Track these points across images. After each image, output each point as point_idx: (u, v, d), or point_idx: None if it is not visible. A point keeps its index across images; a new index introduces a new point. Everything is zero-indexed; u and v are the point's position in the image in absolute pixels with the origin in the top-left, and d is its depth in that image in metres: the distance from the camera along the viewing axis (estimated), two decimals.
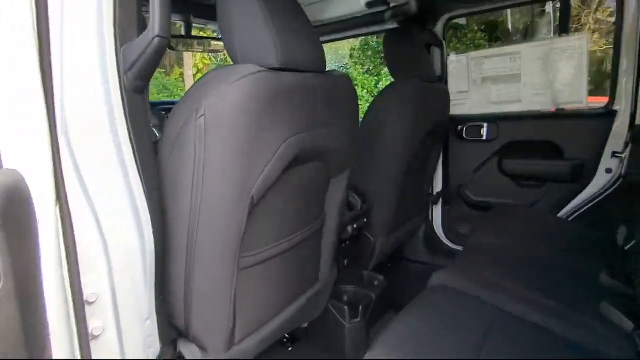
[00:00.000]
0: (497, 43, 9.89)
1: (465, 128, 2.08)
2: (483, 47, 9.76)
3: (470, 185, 2.12)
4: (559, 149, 1.84)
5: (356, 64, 11.65)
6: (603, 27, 8.36)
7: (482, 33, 9.81)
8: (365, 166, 1.66)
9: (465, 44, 9.61)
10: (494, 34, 10.11)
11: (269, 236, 0.99)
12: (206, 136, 0.76)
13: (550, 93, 1.89)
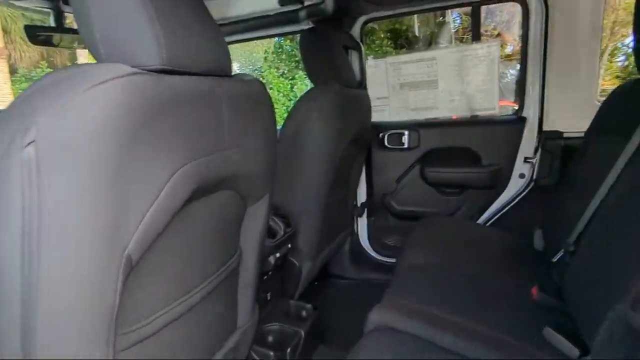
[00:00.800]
0: (402, 50, 10.52)
1: (386, 136, 2.00)
2: (390, 53, 10.31)
3: (394, 195, 2.05)
4: (477, 155, 1.85)
5: (271, 67, 11.44)
6: (488, 36, 9.39)
7: (388, 40, 10.32)
8: (287, 183, 1.46)
9: (374, 50, 10.02)
10: (399, 40, 10.73)
11: (163, 297, 0.74)
12: (39, 174, 0.48)
13: (465, 99, 1.89)
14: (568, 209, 1.33)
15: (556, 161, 1.69)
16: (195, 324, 0.85)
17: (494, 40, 1.83)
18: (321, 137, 1.41)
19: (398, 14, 1.90)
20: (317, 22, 1.92)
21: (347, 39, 1.94)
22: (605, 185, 1.07)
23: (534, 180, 1.76)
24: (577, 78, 1.66)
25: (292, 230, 1.39)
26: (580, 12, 1.59)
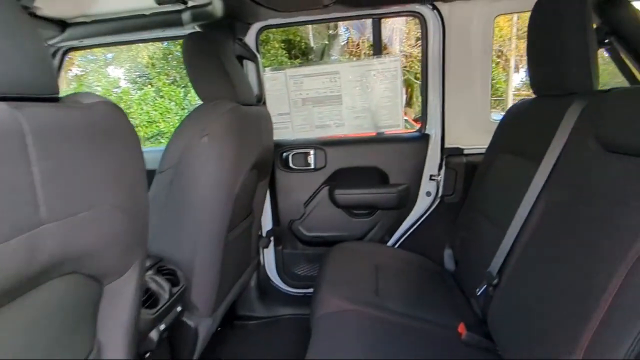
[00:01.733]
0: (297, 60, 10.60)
1: (291, 156, 1.81)
2: (285, 63, 10.29)
3: (302, 220, 1.87)
4: (385, 174, 1.78)
5: (160, 74, 10.47)
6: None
7: (282, 50, 10.30)
8: (172, 227, 1.16)
9: (269, 59, 9.88)
10: (293, 51, 10.81)
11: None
12: None
13: (369, 116, 1.81)
14: (480, 232, 1.30)
15: (460, 178, 1.69)
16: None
17: (395, 56, 1.80)
18: (214, 166, 1.14)
19: (295, 22, 1.73)
20: (204, 27, 1.64)
21: (241, 48, 1.71)
22: (522, 210, 1.03)
23: (440, 197, 1.75)
24: (473, 95, 1.69)
25: (181, 288, 1.09)
26: (472, 32, 1.62)
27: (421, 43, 1.69)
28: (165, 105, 9.66)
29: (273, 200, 1.87)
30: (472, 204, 1.47)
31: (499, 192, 1.26)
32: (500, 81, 11.85)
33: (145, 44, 8.55)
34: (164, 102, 9.62)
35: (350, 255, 1.60)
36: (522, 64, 11.83)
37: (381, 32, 1.75)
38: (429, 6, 1.60)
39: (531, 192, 1.02)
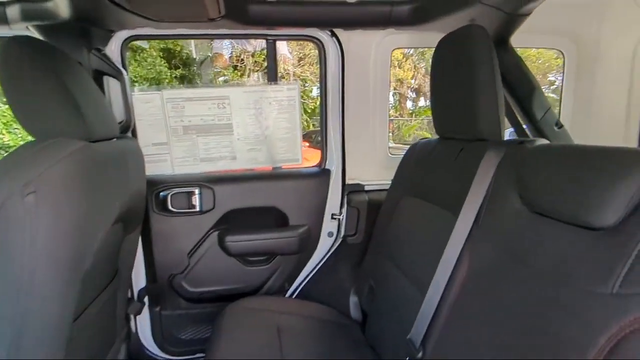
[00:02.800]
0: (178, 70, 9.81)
1: (170, 196, 1.48)
2: (164, 73, 9.43)
3: (186, 274, 1.54)
4: (283, 215, 1.58)
5: None
6: (258, 68, 9.94)
7: (161, 59, 9.44)
8: None
9: (146, 67, 8.94)
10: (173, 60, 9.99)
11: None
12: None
13: (265, 149, 1.60)
14: (393, 287, 1.19)
15: (362, 217, 1.59)
16: None
17: (292, 83, 1.63)
18: (47, 237, 0.78)
19: (173, 35, 1.43)
20: (43, 30, 1.23)
21: (100, 61, 1.33)
22: (442, 269, 0.93)
23: (342, 238, 1.62)
24: (372, 129, 1.62)
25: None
26: (370, 63, 1.55)
27: (319, 71, 1.56)
28: (10, 114, 7.87)
29: (147, 252, 1.50)
30: (378, 248, 1.36)
31: (411, 242, 1.17)
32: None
33: None
34: (9, 110, 7.82)
35: (248, 315, 1.35)
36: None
37: (276, 55, 1.57)
38: (328, 32, 1.48)
39: (452, 247, 0.93)
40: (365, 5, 1.29)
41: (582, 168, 0.66)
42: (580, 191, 0.63)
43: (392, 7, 1.28)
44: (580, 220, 0.63)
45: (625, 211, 0.57)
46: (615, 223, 0.58)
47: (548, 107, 1.36)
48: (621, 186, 0.57)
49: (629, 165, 0.58)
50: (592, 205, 0.61)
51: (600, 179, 0.61)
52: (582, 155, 0.68)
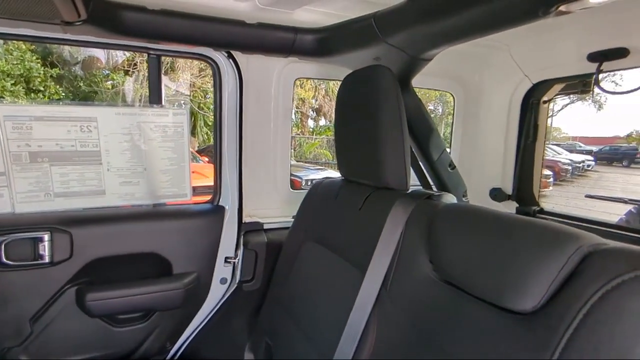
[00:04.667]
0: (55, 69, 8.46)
1: (5, 245, 1.12)
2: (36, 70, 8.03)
3: (28, 345, 1.17)
4: (166, 262, 1.32)
5: None
6: None
7: (31, 53, 8.05)
8: None
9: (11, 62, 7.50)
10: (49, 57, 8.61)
11: None
12: None
13: (145, 182, 1.33)
14: (293, 347, 1.04)
15: (261, 260, 1.42)
16: None
17: (180, 107, 1.39)
18: None
19: (18, 36, 1.10)
20: None
21: None
22: (348, 335, 0.82)
23: (237, 284, 1.43)
24: (273, 162, 1.49)
25: None
26: (272, 91, 1.42)
27: (214, 95, 1.37)
28: None
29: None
30: (277, 299, 1.21)
31: (312, 297, 1.05)
32: None
33: None
34: None
35: None
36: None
37: (161, 72, 1.33)
38: (224, 53, 1.31)
39: (358, 311, 0.82)
40: (267, 29, 1.16)
41: (497, 241, 0.61)
42: (496, 268, 0.58)
43: (295, 34, 1.18)
44: (496, 301, 0.57)
45: (545, 296, 0.52)
46: (535, 308, 0.53)
47: (443, 149, 1.39)
48: (540, 268, 0.53)
49: (549, 245, 0.54)
50: (509, 286, 0.55)
51: (518, 257, 0.56)
52: (498, 224, 0.63)
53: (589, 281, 0.50)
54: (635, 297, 0.46)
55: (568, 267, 0.52)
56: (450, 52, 1.33)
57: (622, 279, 0.48)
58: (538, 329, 0.51)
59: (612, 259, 0.50)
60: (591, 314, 0.48)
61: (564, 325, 0.49)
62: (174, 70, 9.68)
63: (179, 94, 9.65)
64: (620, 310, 0.46)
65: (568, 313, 0.50)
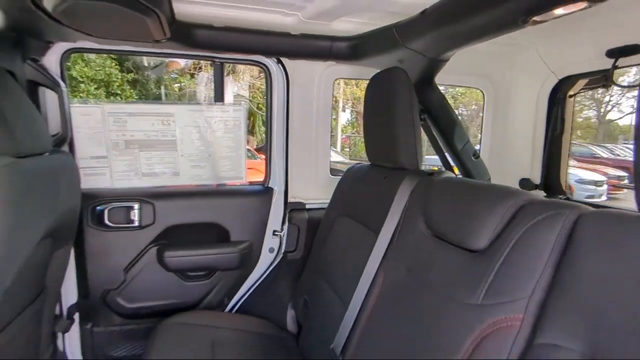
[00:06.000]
0: (130, 74, 9.43)
1: (107, 210, 1.46)
2: (114, 75, 9.02)
3: (121, 289, 1.52)
4: (225, 231, 1.61)
5: None
6: None
7: (112, 61, 9.04)
8: None
9: (94, 69, 8.51)
10: (126, 63, 9.60)
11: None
12: None
13: (210, 166, 1.63)
14: (324, 300, 1.27)
15: (302, 234, 1.67)
16: None
17: (238, 104, 1.69)
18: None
19: (117, 50, 1.43)
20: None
21: (36, 72, 1.31)
22: (362, 283, 1.03)
23: (283, 254, 1.69)
24: (315, 151, 1.72)
25: None
26: (314, 91, 1.65)
27: (265, 95, 1.64)
28: None
29: (80, 267, 1.46)
30: (314, 265, 1.44)
31: (340, 259, 1.27)
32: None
33: None
34: None
35: (183, 330, 1.36)
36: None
37: (224, 76, 1.62)
38: (274, 60, 1.56)
39: (371, 264, 1.03)
40: (308, 38, 1.39)
41: (466, 200, 0.79)
42: (463, 220, 0.76)
43: (332, 42, 1.39)
44: (463, 244, 0.76)
45: (492, 237, 0.70)
46: (485, 246, 0.70)
47: (467, 140, 1.53)
48: (490, 217, 0.70)
49: (496, 200, 0.72)
50: (471, 232, 0.73)
51: (477, 211, 0.74)
52: (469, 189, 0.81)
53: (518, 223, 0.67)
54: (543, 230, 0.63)
55: (507, 215, 0.69)
56: (480, 52, 1.47)
57: (536, 220, 0.64)
58: (486, 260, 0.69)
59: (537, 207, 0.67)
60: (515, 245, 0.65)
61: (499, 255, 0.67)
62: (235, 72, 10.26)
63: (239, 96, 10.18)
64: (532, 240, 0.63)
65: (502, 247, 0.67)
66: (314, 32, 1.38)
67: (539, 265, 0.61)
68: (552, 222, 0.63)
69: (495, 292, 0.65)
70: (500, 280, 0.66)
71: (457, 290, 0.72)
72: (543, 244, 0.62)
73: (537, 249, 0.62)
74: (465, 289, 0.70)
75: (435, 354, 0.71)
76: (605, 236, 0.56)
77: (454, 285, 0.74)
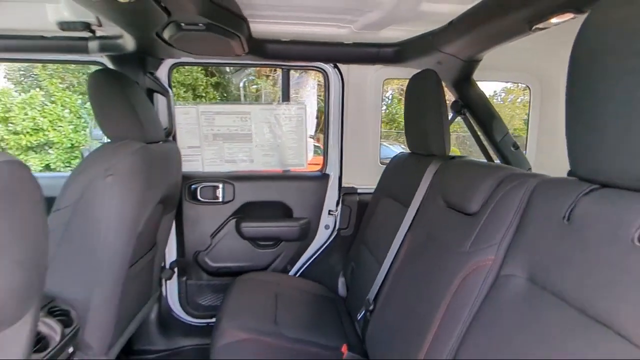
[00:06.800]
0: (214, 78, 10.45)
1: (199, 188, 1.87)
2: (201, 80, 10.07)
3: (208, 251, 1.92)
4: (289, 209, 1.94)
5: (53, 77, 9.33)
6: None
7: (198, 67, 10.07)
8: (68, 264, 1.14)
9: (184, 74, 9.59)
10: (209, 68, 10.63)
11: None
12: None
13: (277, 154, 1.97)
14: (365, 264, 1.52)
15: (353, 214, 1.93)
16: None
17: (301, 103, 2.01)
18: (117, 205, 1.17)
19: (208, 62, 1.83)
20: (113, 58, 1.66)
21: (152, 82, 1.74)
22: (392, 247, 1.27)
23: (337, 231, 1.96)
24: (366, 143, 1.97)
25: (74, 328, 1.08)
26: (366, 90, 1.90)
27: (324, 95, 1.92)
28: (57, 112, 8.62)
29: (179, 232, 1.89)
30: (360, 238, 1.70)
31: (380, 230, 1.50)
32: None
33: None
34: (55, 108, 8.56)
35: (253, 285, 1.70)
36: None
37: (289, 80, 1.94)
38: (331, 65, 1.84)
39: (400, 232, 1.26)
40: (359, 46, 1.65)
41: (469, 176, 0.99)
42: (465, 191, 0.96)
43: (379, 49, 1.63)
44: (463, 209, 0.96)
45: (482, 202, 0.89)
46: (477, 210, 0.90)
47: (506, 132, 1.66)
48: (481, 187, 0.90)
49: (487, 175, 0.91)
50: (469, 200, 0.94)
51: (474, 183, 0.94)
52: (473, 168, 1.01)
53: (499, 191, 0.85)
54: (512, 195, 0.82)
55: (493, 185, 0.88)
56: (526, 50, 1.59)
57: (509, 187, 0.83)
58: (475, 220, 0.89)
59: (512, 178, 0.85)
60: (494, 207, 0.84)
61: (483, 215, 0.86)
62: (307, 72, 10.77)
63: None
64: (504, 202, 0.82)
65: (486, 209, 0.86)
66: (364, 41, 1.63)
67: (507, 220, 0.80)
68: (519, 188, 0.81)
69: (477, 241, 0.85)
70: (482, 233, 0.85)
71: (454, 244, 0.93)
72: (511, 205, 0.80)
73: (507, 208, 0.81)
74: (459, 242, 0.91)
75: (436, 290, 0.92)
76: (548, 196, 0.73)
77: (453, 241, 0.94)
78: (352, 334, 1.40)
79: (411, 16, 1.39)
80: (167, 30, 1.25)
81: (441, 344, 0.85)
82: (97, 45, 1.59)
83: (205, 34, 1.26)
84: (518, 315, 0.68)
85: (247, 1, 1.24)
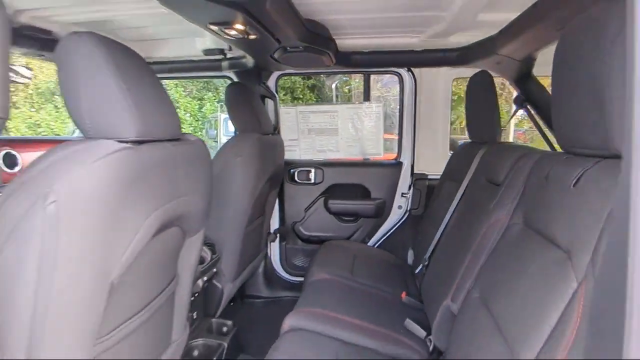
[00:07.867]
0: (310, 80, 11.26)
1: (297, 172, 2.36)
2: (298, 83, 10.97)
3: (302, 222, 2.41)
4: (367, 190, 2.32)
5: (177, 86, 11.08)
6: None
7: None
8: (213, 215, 1.69)
9: (283, 78, 10.53)
10: None
11: (126, 313, 0.92)
12: (59, 224, 0.67)
13: (359, 145, 2.37)
14: (427, 234, 1.83)
15: (423, 197, 2.23)
16: (144, 337, 1.04)
17: (379, 102, 2.37)
18: (243, 177, 1.69)
19: (306, 72, 2.30)
20: (238, 73, 2.23)
21: (265, 90, 2.28)
22: (446, 217, 1.57)
23: (409, 211, 2.28)
24: (436, 136, 2.25)
25: (217, 256, 1.63)
26: (437, 89, 2.18)
27: (399, 95, 2.26)
28: (180, 116, 10.18)
29: (280, 206, 2.41)
30: (427, 215, 2.00)
31: (440, 206, 1.80)
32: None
33: None
34: (179, 112, 10.13)
35: (336, 249, 2.12)
36: None
37: (370, 84, 2.32)
38: (406, 69, 2.17)
39: (452, 205, 1.56)
40: (428, 52, 1.95)
41: (502, 156, 1.26)
42: (496, 167, 1.24)
43: (445, 53, 1.92)
44: (493, 181, 1.24)
45: (505, 175, 1.17)
46: (501, 181, 1.18)
47: None
48: (505, 164, 1.18)
49: (512, 154, 1.18)
50: (498, 174, 1.22)
51: (503, 161, 1.21)
52: (507, 149, 1.28)
53: (514, 165, 1.12)
54: (521, 167, 1.07)
55: (513, 162, 1.14)
56: None
57: (520, 161, 1.09)
58: (500, 189, 1.16)
59: (524, 154, 1.10)
60: (511, 178, 1.11)
61: (504, 184, 1.13)
62: None
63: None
64: (516, 173, 1.09)
65: (507, 180, 1.13)
66: (432, 47, 1.93)
67: (518, 186, 1.07)
68: (525, 161, 1.07)
69: (499, 202, 1.13)
70: (502, 197, 1.13)
71: (484, 207, 1.21)
72: (521, 175, 1.07)
73: (518, 177, 1.07)
74: (487, 205, 1.19)
75: (467, 242, 1.22)
76: (539, 165, 0.99)
77: (484, 205, 1.23)
78: (413, 287, 1.73)
79: (470, 25, 1.66)
80: (277, 53, 1.73)
81: (464, 281, 1.16)
82: (228, 64, 2.17)
83: (304, 53, 1.71)
84: (512, 249, 0.97)
85: (335, 23, 1.66)
